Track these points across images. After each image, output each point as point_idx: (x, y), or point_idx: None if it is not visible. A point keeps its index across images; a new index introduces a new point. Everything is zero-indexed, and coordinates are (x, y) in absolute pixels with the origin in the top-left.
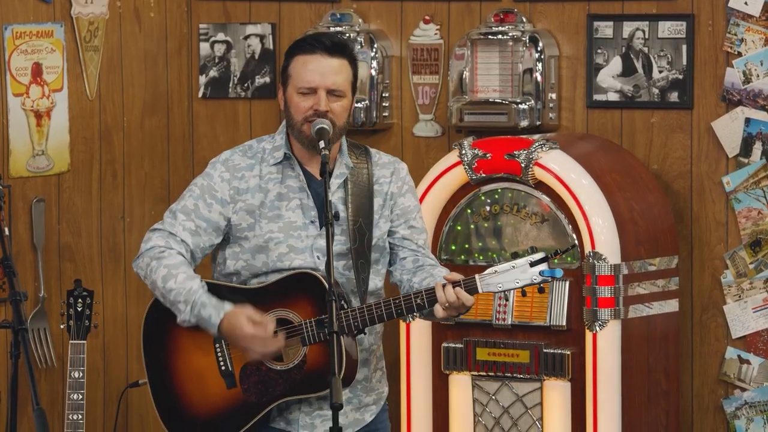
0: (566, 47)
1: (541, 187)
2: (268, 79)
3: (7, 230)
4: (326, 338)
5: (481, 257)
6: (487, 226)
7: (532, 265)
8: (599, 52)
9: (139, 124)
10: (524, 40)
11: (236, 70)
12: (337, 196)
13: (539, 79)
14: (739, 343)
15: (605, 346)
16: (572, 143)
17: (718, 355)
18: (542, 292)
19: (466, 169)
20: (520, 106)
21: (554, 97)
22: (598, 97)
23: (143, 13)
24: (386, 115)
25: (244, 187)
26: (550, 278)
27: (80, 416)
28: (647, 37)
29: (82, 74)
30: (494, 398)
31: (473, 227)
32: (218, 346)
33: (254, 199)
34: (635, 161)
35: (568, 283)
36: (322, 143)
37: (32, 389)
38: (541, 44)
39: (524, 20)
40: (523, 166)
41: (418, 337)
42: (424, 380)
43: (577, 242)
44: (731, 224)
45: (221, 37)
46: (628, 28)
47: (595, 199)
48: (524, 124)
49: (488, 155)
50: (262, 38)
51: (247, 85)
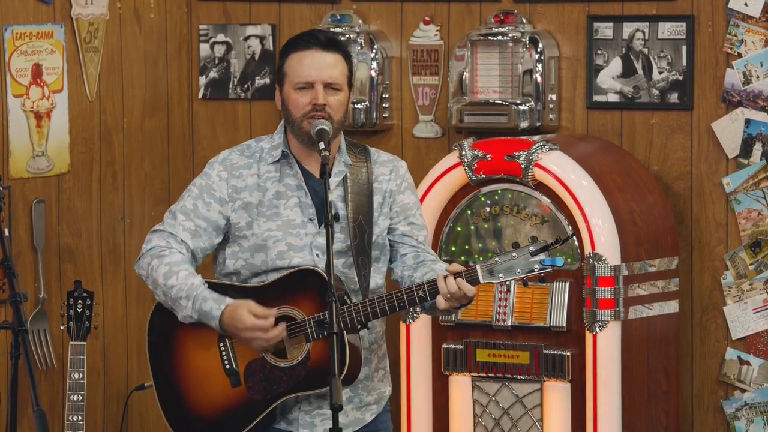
0: (566, 48)
1: (541, 188)
2: (268, 80)
3: (7, 231)
4: (339, 332)
5: (481, 258)
6: (487, 227)
7: (532, 254)
8: (599, 53)
9: (139, 125)
10: (524, 41)
11: (236, 71)
12: (336, 194)
13: (539, 80)
14: (739, 344)
15: (605, 347)
16: (572, 144)
17: (718, 356)
18: (544, 281)
19: (466, 170)
20: (520, 107)
21: (554, 98)
22: (598, 98)
23: (143, 14)
24: (386, 116)
25: (242, 185)
26: (551, 267)
27: (80, 417)
28: (647, 38)
29: (82, 75)
30: (494, 399)
31: (473, 228)
32: (222, 345)
33: (252, 197)
34: (635, 162)
35: (568, 284)
36: (322, 144)
37: (32, 390)
38: (541, 45)
39: (524, 21)
40: (523, 167)
41: (418, 338)
42: (424, 381)
43: (577, 243)
44: (731, 225)
45: (221, 38)
46: (628, 29)
47: (595, 200)
48: (524, 125)
49: (488, 156)
50: (262, 39)
51: (247, 86)
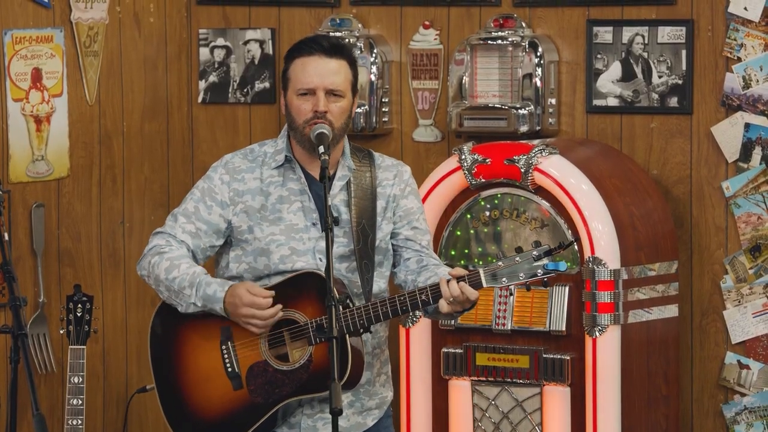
0: (566, 52)
1: (540, 192)
2: (267, 84)
3: (6, 235)
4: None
5: (480, 262)
6: (486, 231)
7: (536, 258)
8: (599, 57)
9: (138, 129)
10: (524, 45)
11: (236, 75)
12: (339, 198)
13: (539, 84)
14: (738, 348)
15: (605, 351)
16: (572, 148)
17: (717, 360)
18: (546, 285)
19: (465, 174)
20: (519, 111)
21: (554, 102)
22: (597, 102)
23: (143, 18)
24: (386, 120)
25: (243, 189)
26: (554, 271)
27: (80, 421)
28: (647, 42)
29: (81, 79)
30: (494, 403)
31: (473, 232)
32: (224, 347)
33: (254, 201)
34: (635, 166)
35: (567, 288)
36: (321, 148)
37: (32, 394)
38: (540, 49)
39: (524, 25)
40: (522, 171)
41: (418, 342)
42: (423, 385)
43: (577, 247)
44: (731, 229)
45: (221, 42)
46: (627, 33)
47: (594, 204)
48: (524, 129)
49: (488, 160)
50: (261, 43)
51: (246, 90)
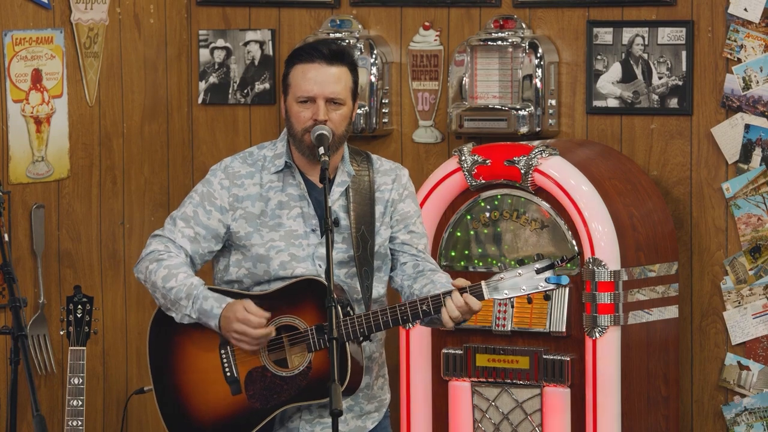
0: (566, 53)
1: (540, 193)
2: (267, 85)
3: (6, 236)
4: (339, 338)
5: (480, 263)
6: (486, 232)
7: (537, 272)
8: (599, 58)
9: (138, 130)
10: (524, 46)
11: (236, 76)
12: (338, 204)
13: (539, 85)
14: (738, 349)
15: (605, 352)
16: (572, 149)
17: (717, 361)
18: (548, 299)
19: (465, 175)
20: (519, 112)
21: (554, 103)
22: (597, 103)
23: (143, 19)
24: (386, 121)
25: (243, 194)
26: (555, 285)
27: (80, 423)
28: (647, 43)
29: (81, 80)
30: (494, 404)
31: (473, 233)
32: (223, 352)
33: (254, 207)
34: (635, 167)
35: (567, 289)
36: (321, 149)
37: (32, 396)
38: (540, 50)
39: (524, 26)
40: (522, 172)
41: (417, 343)
42: (423, 386)
43: (577, 249)
44: (731, 230)
45: (221, 43)
46: (627, 34)
47: (594, 205)
48: (524, 130)
49: (488, 161)
50: (261, 44)
51: (246, 91)
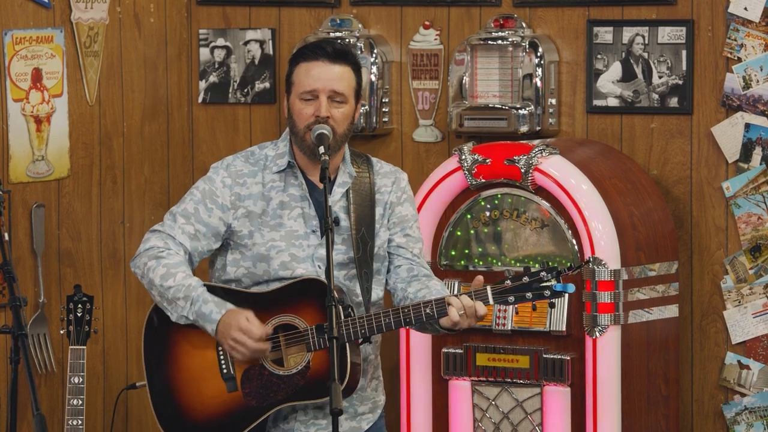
0: (566, 53)
1: (540, 192)
2: (267, 84)
3: (6, 235)
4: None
5: (480, 263)
6: (486, 231)
7: (544, 279)
8: (599, 57)
9: (139, 129)
10: (524, 45)
11: (236, 75)
12: (339, 204)
13: (539, 84)
14: (738, 348)
15: (605, 351)
16: (572, 149)
17: (717, 360)
18: (552, 307)
19: (465, 174)
20: (519, 111)
21: (554, 102)
22: (597, 102)
23: (143, 18)
24: (386, 120)
25: (245, 193)
26: (561, 293)
27: (80, 422)
28: (647, 42)
29: (82, 79)
30: (494, 404)
31: (473, 232)
32: (221, 349)
33: (256, 206)
34: (635, 166)
35: None
36: (321, 149)
37: (32, 395)
38: (540, 50)
39: (524, 26)
40: (522, 171)
41: (418, 342)
42: (424, 386)
43: (577, 248)
44: (731, 229)
45: (221, 42)
46: (627, 33)
47: (594, 204)
48: (524, 129)
49: (488, 161)
50: (261, 44)
51: (246, 90)
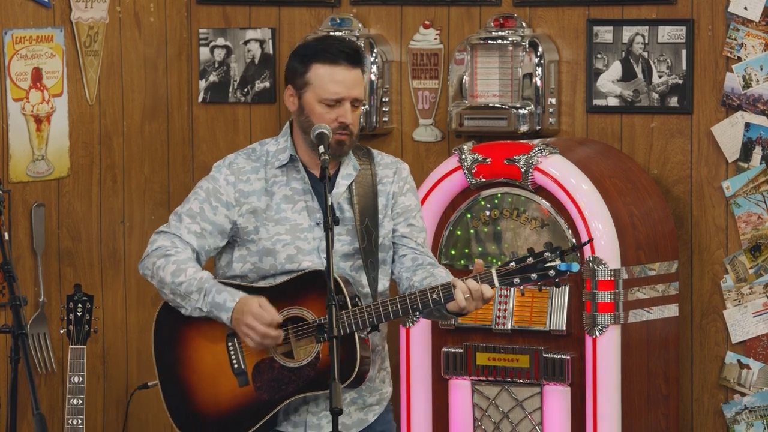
0: (566, 52)
1: (540, 191)
2: (268, 83)
3: (6, 235)
4: (340, 336)
5: (481, 262)
6: (486, 230)
7: (548, 260)
8: (599, 56)
9: (139, 128)
10: (524, 44)
11: (236, 74)
12: (343, 197)
13: (539, 83)
14: (738, 347)
15: (605, 350)
16: (572, 148)
17: (717, 359)
18: (558, 287)
19: (465, 173)
20: (519, 110)
21: (554, 101)
22: (597, 101)
23: (143, 18)
24: (386, 119)
25: (249, 189)
26: (567, 272)
27: (80, 421)
28: (647, 41)
29: (82, 79)
30: (494, 403)
31: (473, 232)
32: (231, 344)
33: (260, 202)
34: (635, 166)
35: (567, 287)
36: (321, 148)
37: (32, 394)
38: (540, 49)
39: (524, 25)
40: (522, 170)
41: (418, 341)
42: (424, 385)
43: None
44: (731, 229)
45: (221, 41)
46: (627, 32)
47: (594, 204)
48: (524, 128)
49: (488, 160)
50: (261, 43)
51: (246, 89)
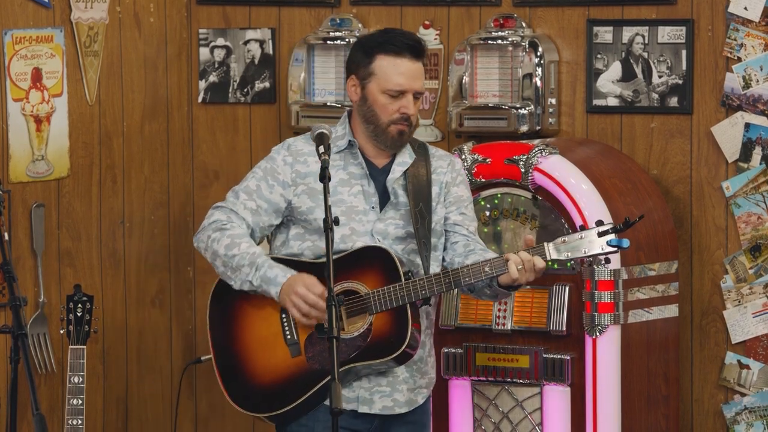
0: (566, 52)
1: (540, 192)
2: (267, 84)
3: (6, 235)
4: (394, 307)
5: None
6: (486, 231)
7: (599, 235)
8: (599, 57)
9: (138, 129)
10: (524, 45)
11: (236, 75)
12: (398, 182)
13: (539, 84)
14: (738, 348)
15: (605, 351)
16: (572, 148)
17: (717, 360)
18: (608, 262)
19: (465, 173)
20: (519, 111)
21: (554, 102)
22: (597, 102)
23: (143, 18)
24: None
25: (306, 171)
26: (617, 248)
27: (80, 421)
28: (647, 42)
29: (81, 79)
30: (494, 403)
31: None
32: (284, 316)
33: (317, 183)
34: (635, 166)
35: (567, 288)
36: (321, 148)
37: (32, 394)
38: (540, 49)
39: (524, 25)
40: (522, 171)
41: None
42: None
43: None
44: (731, 229)
45: (221, 42)
46: (627, 33)
47: (594, 204)
48: (524, 129)
49: (488, 160)
50: (261, 43)
51: (246, 90)
